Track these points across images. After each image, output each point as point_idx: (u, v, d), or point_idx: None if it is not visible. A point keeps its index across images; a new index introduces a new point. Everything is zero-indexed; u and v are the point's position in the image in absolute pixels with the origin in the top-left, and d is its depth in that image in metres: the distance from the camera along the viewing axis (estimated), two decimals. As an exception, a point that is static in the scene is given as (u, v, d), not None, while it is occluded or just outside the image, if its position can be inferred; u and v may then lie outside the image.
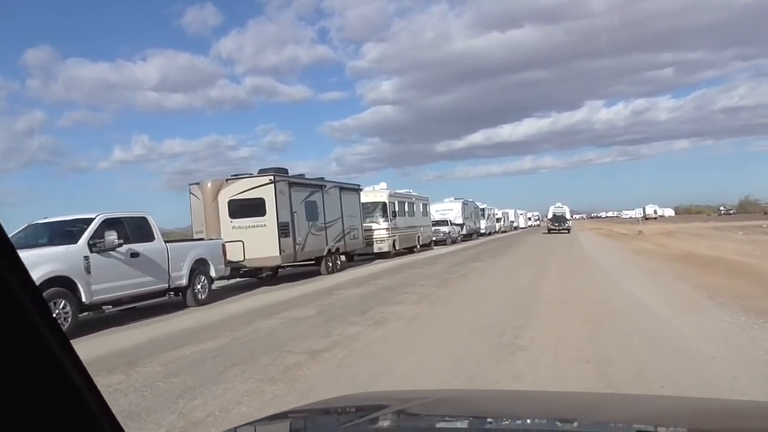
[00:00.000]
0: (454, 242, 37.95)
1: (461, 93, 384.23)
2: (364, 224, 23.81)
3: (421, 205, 29.99)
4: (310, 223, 16.15)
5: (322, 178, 18.93)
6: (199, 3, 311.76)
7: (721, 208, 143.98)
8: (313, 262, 16.88)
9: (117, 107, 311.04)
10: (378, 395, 2.38)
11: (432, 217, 42.23)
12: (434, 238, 36.69)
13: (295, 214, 15.14)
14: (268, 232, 14.03)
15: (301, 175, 17.30)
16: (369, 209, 24.27)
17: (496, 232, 62.22)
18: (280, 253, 14.18)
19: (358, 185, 21.19)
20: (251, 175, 14.34)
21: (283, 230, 14.39)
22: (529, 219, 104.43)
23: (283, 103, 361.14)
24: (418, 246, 28.48)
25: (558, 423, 1.47)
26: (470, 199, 46.74)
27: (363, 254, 23.92)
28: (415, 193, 29.85)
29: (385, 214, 23.88)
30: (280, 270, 17.09)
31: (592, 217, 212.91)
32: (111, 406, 0.78)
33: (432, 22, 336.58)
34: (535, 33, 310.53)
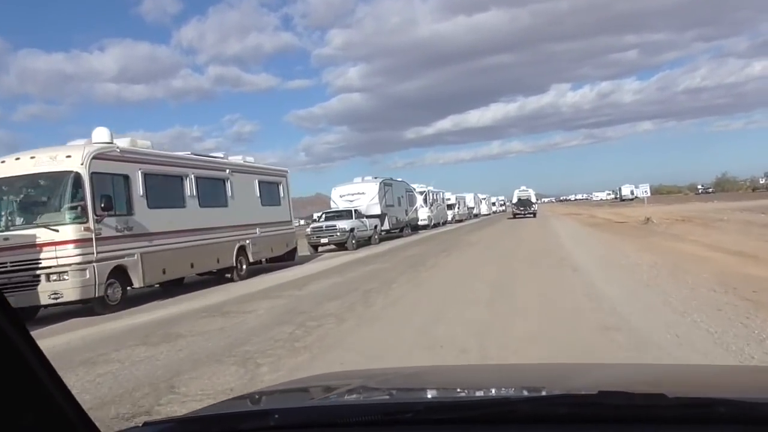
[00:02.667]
0: (366, 243, 23.98)
1: (428, 79, 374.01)
2: (17, 231, 9.21)
3: (255, 183, 15.28)
4: None
5: None
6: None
7: (699, 186, 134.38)
8: None
9: (75, 100, 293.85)
10: (347, 374, 2.35)
11: (335, 205, 28.01)
12: (325, 240, 22.65)
13: None
14: None
15: None
16: (34, 194, 9.61)
17: (447, 222, 48.38)
18: None
19: None
20: None
21: None
22: (494, 204, 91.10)
23: (249, 93, 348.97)
24: (242, 267, 13.98)
25: (525, 392, 1.42)
26: (399, 179, 32.35)
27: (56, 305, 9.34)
28: (236, 159, 15.22)
29: (75, 204, 9.26)
30: None
31: (561, 200, 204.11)
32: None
33: (397, 7, 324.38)
34: (501, 16, 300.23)
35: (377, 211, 26.54)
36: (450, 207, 50.48)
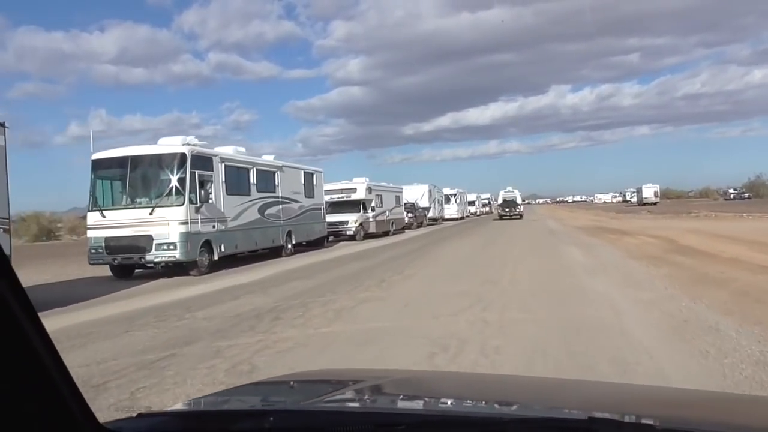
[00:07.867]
0: None
1: (429, 75, 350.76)
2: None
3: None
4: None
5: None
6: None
7: (731, 190, 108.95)
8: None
9: (72, 80, 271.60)
10: (340, 373, 2.43)
11: None
12: None
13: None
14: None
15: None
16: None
17: (340, 238, 22.37)
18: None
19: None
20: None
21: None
22: (472, 204, 64.81)
23: (248, 81, 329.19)
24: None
25: (515, 408, 1.44)
26: None
27: None
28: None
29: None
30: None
31: (557, 202, 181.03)
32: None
33: (401, 0, 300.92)
34: (504, 14, 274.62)
35: None
36: (347, 207, 23.93)
